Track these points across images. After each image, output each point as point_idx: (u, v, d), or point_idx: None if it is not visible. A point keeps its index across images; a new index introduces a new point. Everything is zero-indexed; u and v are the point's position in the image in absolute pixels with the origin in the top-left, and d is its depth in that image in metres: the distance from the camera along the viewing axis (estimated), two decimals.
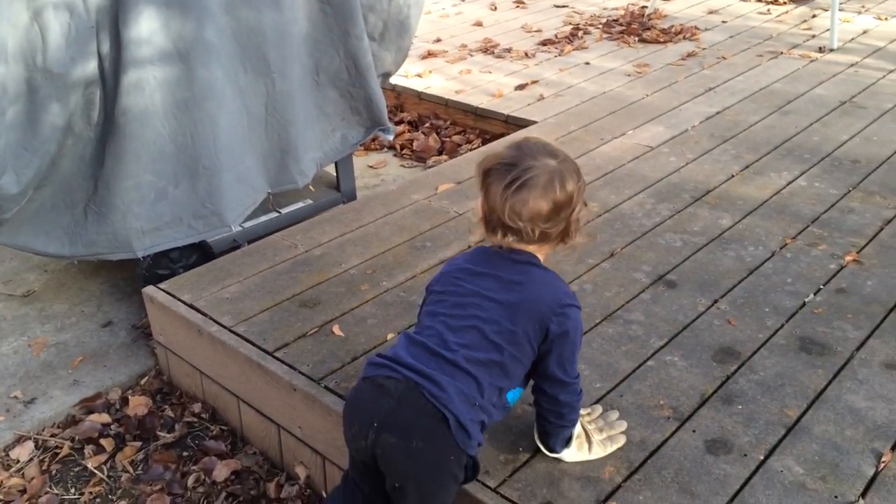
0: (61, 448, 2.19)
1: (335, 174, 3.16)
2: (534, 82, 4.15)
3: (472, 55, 4.71)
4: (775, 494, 1.58)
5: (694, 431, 1.75)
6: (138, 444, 2.21)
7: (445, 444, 1.41)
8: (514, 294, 1.49)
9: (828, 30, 4.68)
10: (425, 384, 1.41)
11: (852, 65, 4.21)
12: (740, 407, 1.81)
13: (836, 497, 1.57)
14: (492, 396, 1.48)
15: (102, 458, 2.16)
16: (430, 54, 4.72)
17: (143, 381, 2.43)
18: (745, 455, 1.68)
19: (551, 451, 1.64)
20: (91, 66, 2.29)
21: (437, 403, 1.40)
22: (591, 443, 1.67)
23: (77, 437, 2.21)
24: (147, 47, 2.32)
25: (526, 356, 1.50)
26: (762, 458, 1.67)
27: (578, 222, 1.52)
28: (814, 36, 4.77)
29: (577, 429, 1.65)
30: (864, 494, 1.57)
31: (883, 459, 1.65)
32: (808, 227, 2.59)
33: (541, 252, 1.55)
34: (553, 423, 1.59)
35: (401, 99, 4.33)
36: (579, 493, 1.60)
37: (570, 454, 1.65)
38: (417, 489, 1.43)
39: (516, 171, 1.43)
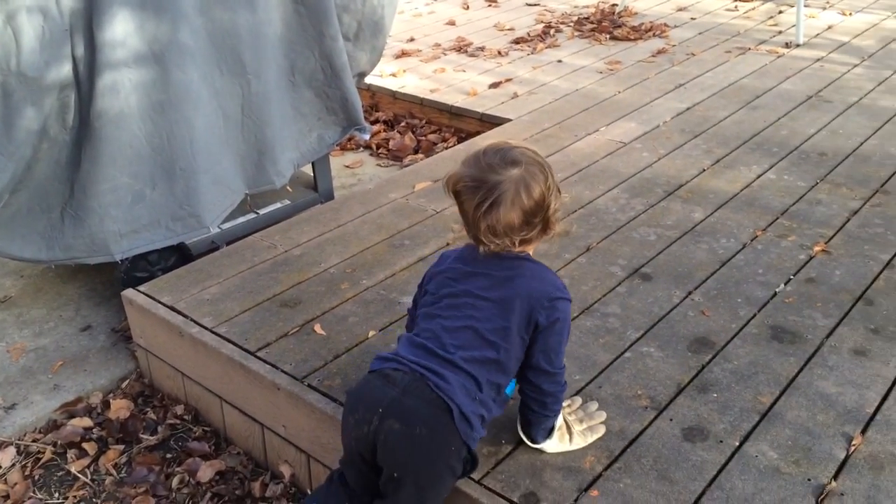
0: (43, 453, 2.18)
1: (312, 174, 3.17)
2: (507, 80, 4.19)
3: (445, 54, 4.74)
4: (751, 479, 1.62)
5: (671, 420, 1.79)
6: (121, 447, 2.21)
7: (448, 433, 1.45)
8: (505, 290, 1.52)
9: (794, 26, 4.77)
10: (430, 376, 1.46)
11: (818, 60, 4.30)
12: (715, 395, 1.86)
13: (809, 480, 1.62)
14: (490, 392, 1.52)
15: (85, 461, 2.16)
16: (403, 53, 4.74)
17: (124, 385, 2.43)
18: (721, 441, 1.72)
19: (533, 441, 1.67)
20: (66, 70, 2.29)
21: (442, 394, 1.44)
22: (571, 434, 1.71)
23: (59, 442, 2.21)
24: (122, 50, 2.31)
25: (519, 349, 1.53)
26: (737, 444, 1.72)
27: (556, 214, 1.54)
28: (780, 32, 4.85)
29: (559, 420, 1.68)
30: (836, 477, 1.62)
31: (853, 443, 1.71)
32: (777, 218, 2.65)
33: (528, 249, 1.58)
34: (536, 413, 1.62)
35: (375, 98, 4.35)
36: (561, 482, 1.63)
37: (552, 445, 1.68)
38: (415, 479, 1.46)
39: (483, 192, 1.45)
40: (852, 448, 1.69)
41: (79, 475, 2.12)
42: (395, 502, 1.49)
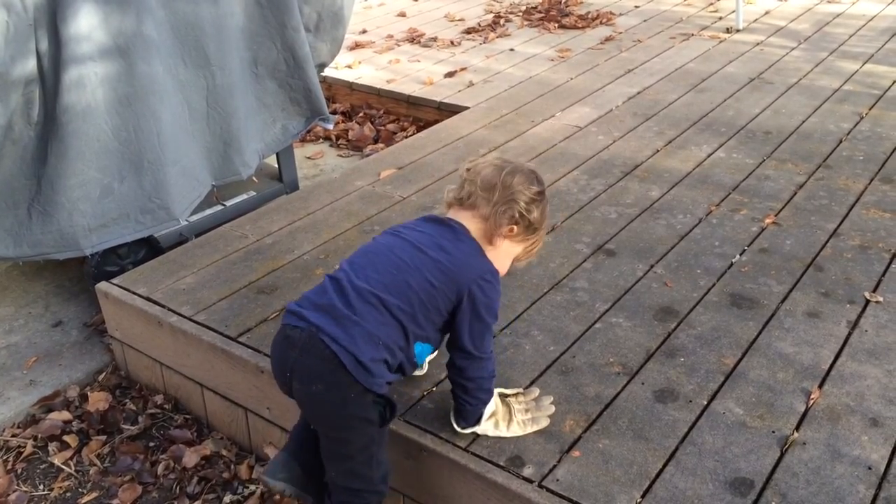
0: (24, 447, 2.19)
1: (277, 165, 3.20)
2: (462, 69, 4.26)
3: (399, 45, 4.79)
4: (720, 433, 1.73)
5: (643, 384, 1.89)
6: (103, 438, 2.22)
7: (342, 384, 1.50)
8: (442, 254, 1.56)
9: (733, 12, 4.95)
10: (326, 328, 1.49)
11: (758, 44, 4.47)
12: (682, 359, 1.97)
13: (773, 432, 1.73)
14: (398, 339, 1.54)
15: (68, 453, 2.17)
16: (357, 45, 4.78)
17: (100, 378, 2.44)
18: (691, 401, 1.83)
19: (463, 428, 1.70)
20: (30, 65, 2.28)
21: (336, 346, 1.48)
22: (511, 420, 1.73)
23: (39, 436, 2.21)
24: (87, 44, 2.32)
25: (437, 315, 1.56)
26: (705, 402, 1.82)
27: (499, 228, 1.61)
28: (721, 18, 5.03)
29: (492, 407, 1.70)
30: (797, 428, 1.74)
31: (812, 396, 1.83)
32: (729, 194, 2.78)
33: (472, 224, 1.62)
34: (460, 399, 1.66)
35: (332, 90, 4.38)
36: (544, 445, 1.71)
37: (484, 429, 1.70)
38: (326, 432, 1.59)
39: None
40: (811, 402, 1.82)
41: (63, 467, 2.13)
42: (325, 455, 1.61)
